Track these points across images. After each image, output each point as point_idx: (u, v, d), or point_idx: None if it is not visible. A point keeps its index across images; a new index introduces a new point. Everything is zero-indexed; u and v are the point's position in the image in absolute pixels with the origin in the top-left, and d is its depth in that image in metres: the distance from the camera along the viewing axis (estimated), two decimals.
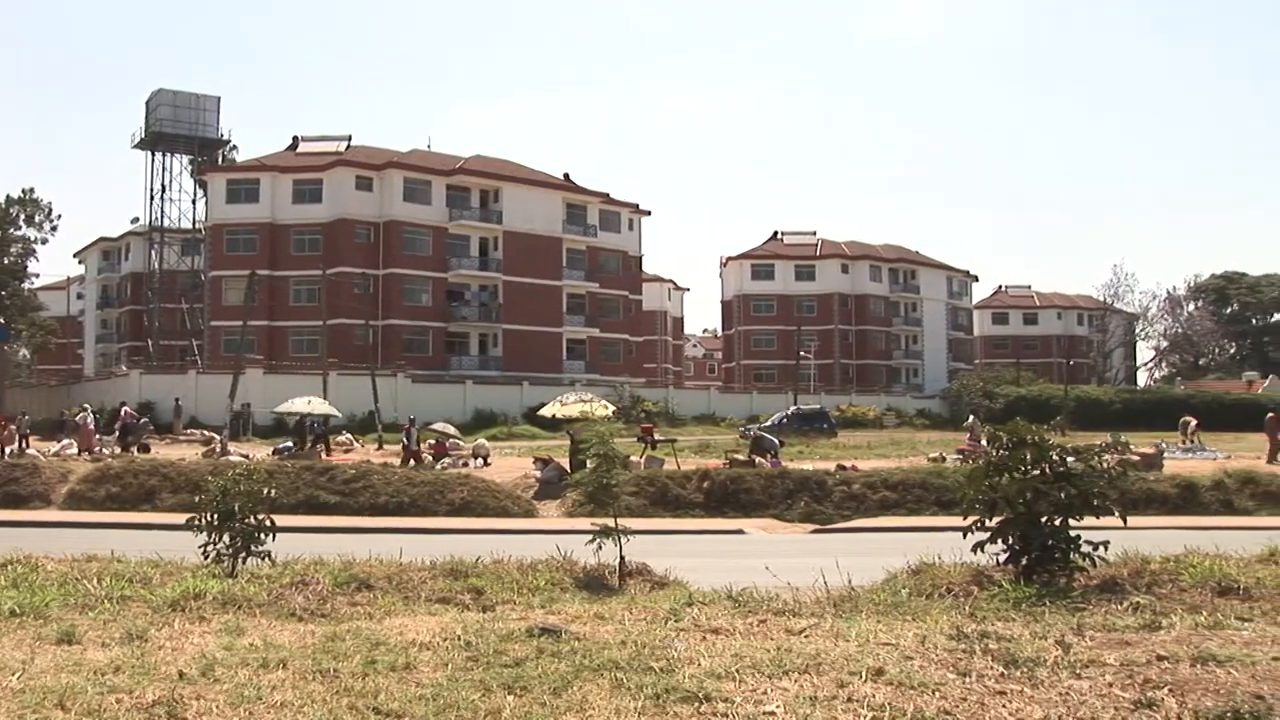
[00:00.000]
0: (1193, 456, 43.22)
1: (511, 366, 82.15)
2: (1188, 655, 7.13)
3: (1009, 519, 11.87)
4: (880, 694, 6.27)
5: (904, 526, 25.35)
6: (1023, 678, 6.68)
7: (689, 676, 6.69)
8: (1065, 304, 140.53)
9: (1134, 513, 18.70)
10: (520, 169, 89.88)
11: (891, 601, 10.67)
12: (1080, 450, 12.38)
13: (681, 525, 26.73)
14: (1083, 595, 10.71)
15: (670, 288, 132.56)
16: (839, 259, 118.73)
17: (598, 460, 15.36)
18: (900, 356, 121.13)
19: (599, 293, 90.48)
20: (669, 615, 9.21)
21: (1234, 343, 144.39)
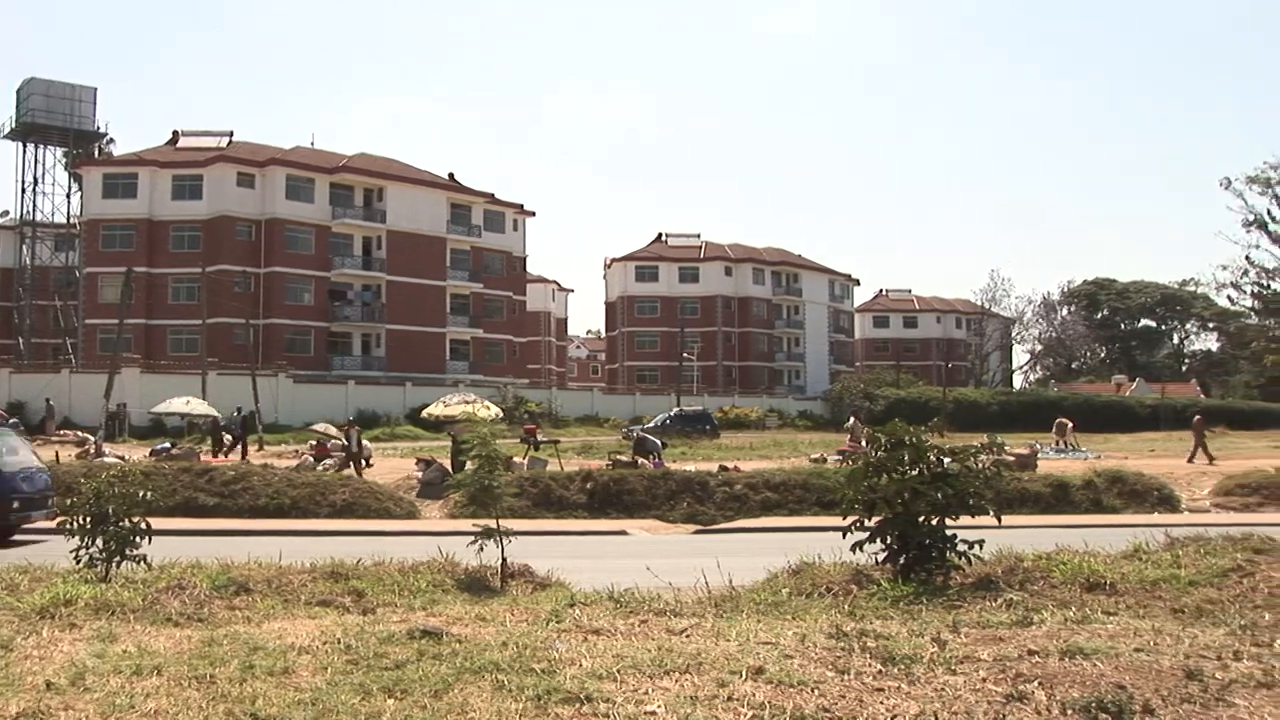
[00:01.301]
0: (1065, 457, 44.25)
1: (395, 367, 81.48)
2: (1057, 649, 7.32)
3: (887, 519, 12.06)
4: (760, 692, 6.32)
5: (785, 527, 25.51)
6: (900, 674, 6.79)
7: (570, 677, 6.69)
8: (944, 308, 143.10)
9: (1009, 512, 19.09)
10: (405, 168, 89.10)
11: (772, 601, 10.78)
12: (957, 451, 12.63)
13: (564, 526, 26.67)
14: (959, 593, 10.93)
15: (554, 289, 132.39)
16: (723, 261, 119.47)
17: (480, 461, 15.26)
18: (782, 358, 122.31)
19: (483, 293, 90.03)
20: (551, 616, 9.20)
21: (1104, 347, 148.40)
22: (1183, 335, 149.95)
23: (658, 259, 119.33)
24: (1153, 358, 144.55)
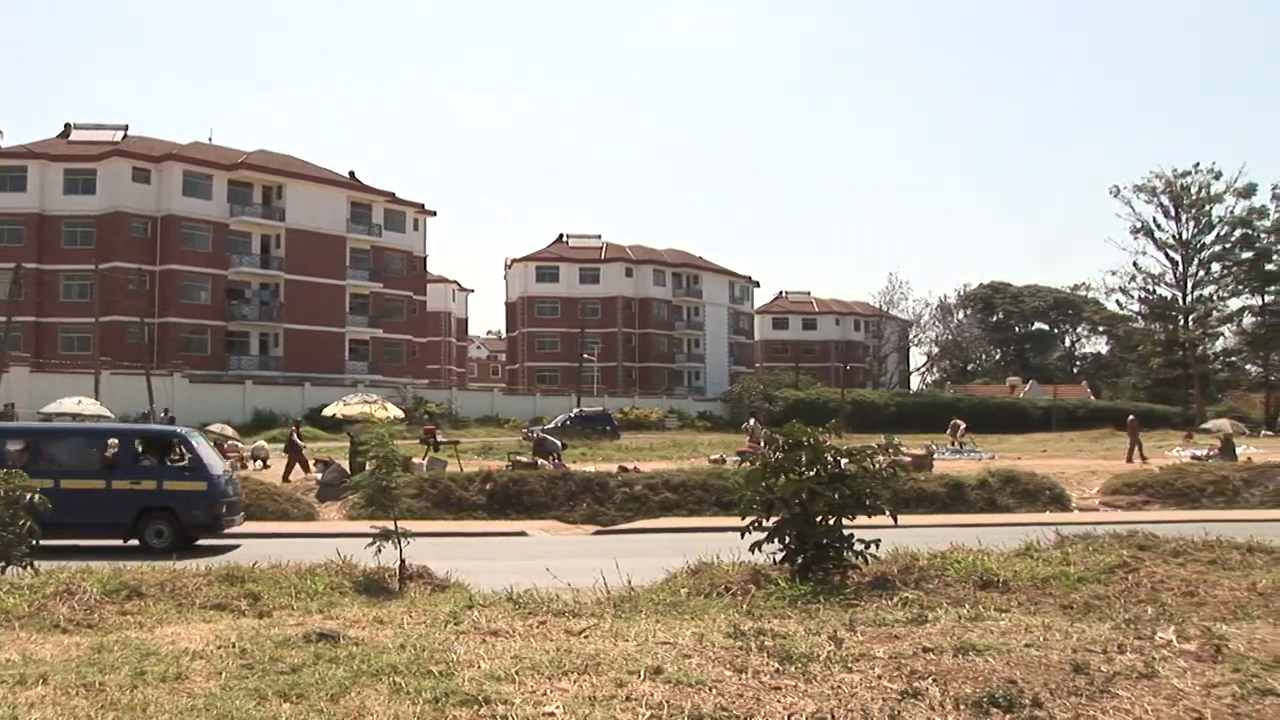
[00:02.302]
0: (960, 457, 44.96)
1: (293, 367, 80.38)
2: (951, 646, 7.42)
3: (785, 519, 12.18)
4: (658, 692, 6.35)
5: (685, 527, 25.63)
6: (797, 673, 6.84)
7: (468, 679, 6.67)
8: (843, 310, 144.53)
9: (905, 511, 19.43)
10: (305, 166, 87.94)
11: (671, 601, 10.83)
12: (854, 452, 12.79)
13: (464, 527, 26.54)
14: (855, 592, 11.08)
15: (455, 289, 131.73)
16: (623, 263, 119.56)
17: (378, 462, 15.17)
18: (683, 360, 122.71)
19: (383, 293, 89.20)
20: (449, 618, 9.16)
21: (999, 349, 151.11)
22: (1074, 338, 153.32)
23: (559, 260, 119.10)
24: (1045, 360, 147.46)
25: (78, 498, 20.60)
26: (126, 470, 22.03)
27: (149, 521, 21.51)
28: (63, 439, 24.29)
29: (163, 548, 20.56)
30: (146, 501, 21.62)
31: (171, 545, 20.76)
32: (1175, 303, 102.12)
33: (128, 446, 22.73)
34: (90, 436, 24.42)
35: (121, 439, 23.22)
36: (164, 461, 22.74)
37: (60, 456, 22.64)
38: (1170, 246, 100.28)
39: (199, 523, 21.82)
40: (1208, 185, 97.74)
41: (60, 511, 19.82)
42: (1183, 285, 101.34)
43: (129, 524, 21.39)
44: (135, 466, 22.27)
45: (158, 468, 22.43)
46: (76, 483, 21.32)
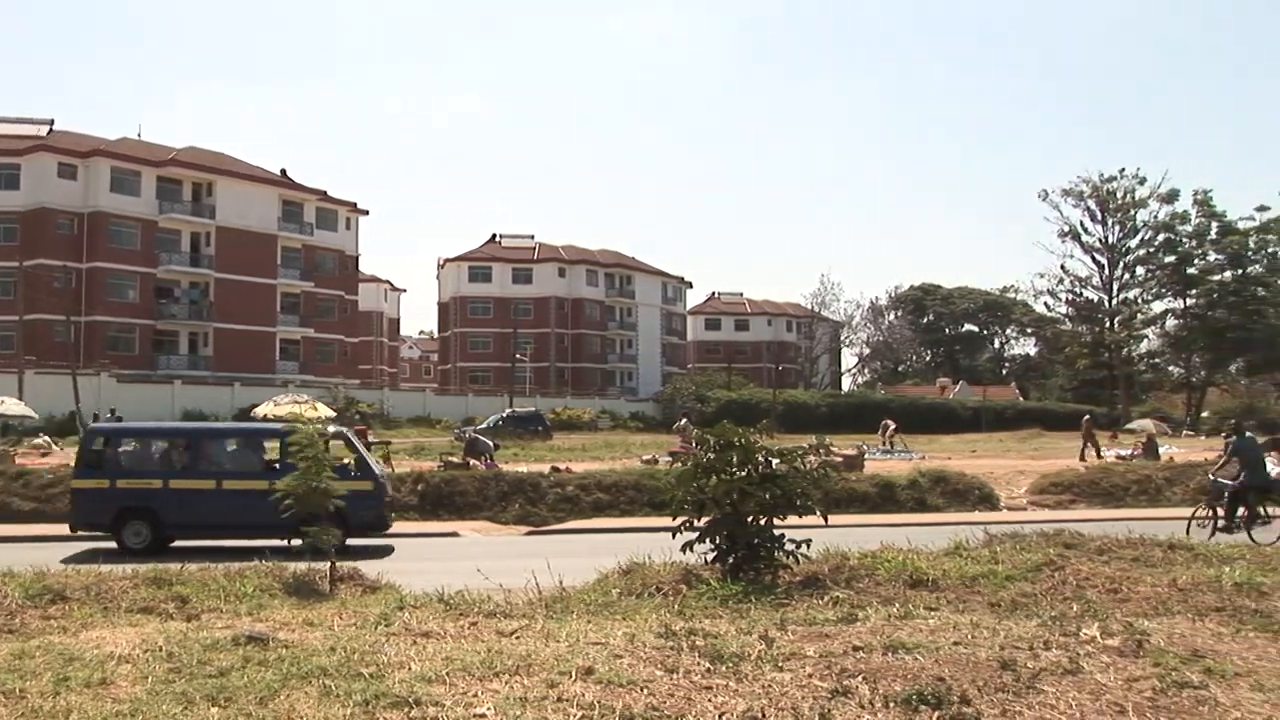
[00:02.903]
0: (891, 457, 45.31)
1: (223, 367, 79.49)
2: (880, 645, 7.50)
3: (716, 519, 12.23)
4: (590, 693, 6.35)
5: (617, 527, 25.64)
6: (728, 672, 6.87)
7: (399, 681, 6.63)
8: (775, 311, 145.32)
9: (836, 511, 19.54)
10: (236, 163, 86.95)
11: (602, 601, 10.84)
12: (785, 452, 12.87)
13: (395, 528, 26.26)
14: (786, 591, 11.14)
15: (387, 288, 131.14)
16: (556, 263, 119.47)
17: (308, 463, 15.05)
18: (615, 360, 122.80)
19: (314, 292, 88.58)
20: (380, 620, 9.11)
21: (929, 350, 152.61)
22: (1003, 340, 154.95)
23: (491, 260, 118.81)
24: (975, 361, 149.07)
25: (240, 499, 20.83)
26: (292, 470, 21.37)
27: (314, 522, 20.81)
28: (223, 439, 24.15)
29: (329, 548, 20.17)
30: None
31: (339, 547, 20.19)
32: (1101, 305, 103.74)
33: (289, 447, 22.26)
34: (251, 436, 24.37)
35: (284, 439, 22.78)
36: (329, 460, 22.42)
37: (221, 457, 22.76)
38: (1097, 250, 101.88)
39: (366, 522, 21.69)
40: (1133, 190, 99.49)
41: (223, 513, 20.87)
42: (1108, 288, 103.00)
43: (295, 524, 20.73)
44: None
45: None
46: (238, 484, 21.44)
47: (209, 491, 21.22)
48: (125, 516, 20.89)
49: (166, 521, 21.12)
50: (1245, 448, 21.18)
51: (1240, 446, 21.35)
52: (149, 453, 22.89)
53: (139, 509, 20.97)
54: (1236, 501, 20.58)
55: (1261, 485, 20.78)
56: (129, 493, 21.08)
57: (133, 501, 21.01)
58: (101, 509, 20.83)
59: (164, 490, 21.27)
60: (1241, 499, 20.57)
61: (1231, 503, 20.61)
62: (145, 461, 22.49)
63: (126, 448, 23.01)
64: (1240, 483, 20.68)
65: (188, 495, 21.17)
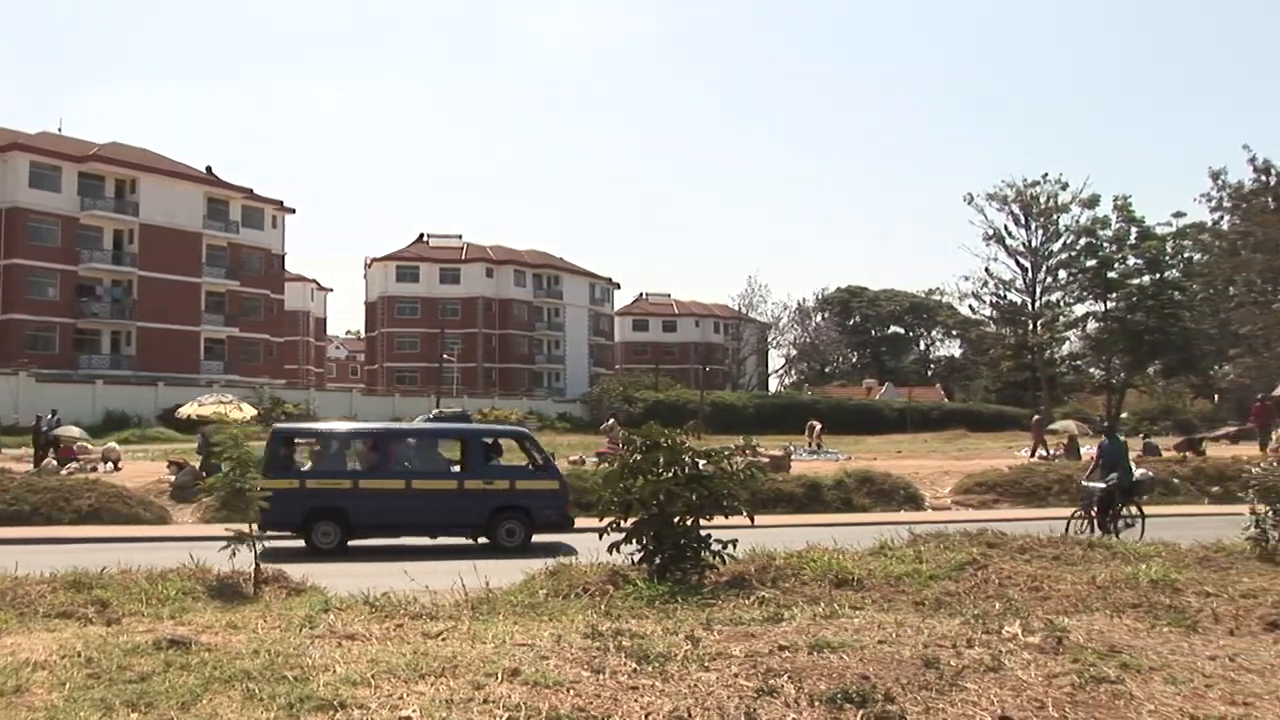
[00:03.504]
0: (818, 458, 45.56)
1: (146, 366, 78.23)
2: (806, 644, 7.55)
3: (643, 520, 12.26)
4: (516, 694, 6.34)
5: None
6: (654, 672, 6.88)
7: (324, 684, 6.58)
8: (703, 312, 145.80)
9: (763, 512, 19.66)
10: (160, 159, 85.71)
11: (529, 602, 10.83)
12: (712, 453, 12.94)
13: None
14: (713, 591, 11.19)
15: (313, 288, 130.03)
16: (484, 263, 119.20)
17: (233, 463, 14.89)
18: (543, 361, 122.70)
19: (240, 291, 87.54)
20: (305, 622, 9.04)
21: (856, 352, 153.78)
22: (928, 342, 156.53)
23: (419, 260, 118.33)
24: (901, 363, 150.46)
25: (428, 498, 21.44)
26: (478, 470, 22.42)
27: (501, 520, 21.70)
28: (410, 439, 24.79)
29: (513, 546, 21.13)
30: (500, 501, 21.85)
31: (522, 543, 21.30)
32: (1025, 308, 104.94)
33: (477, 446, 23.28)
34: (437, 436, 25.68)
35: (470, 439, 23.87)
36: (512, 461, 23.75)
37: (408, 457, 23.20)
38: (1020, 253, 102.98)
39: (551, 521, 21.87)
40: (1055, 195, 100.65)
41: (411, 512, 21.55)
42: (1032, 291, 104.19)
43: (482, 523, 21.71)
44: (487, 466, 22.95)
45: (510, 467, 23.49)
46: (427, 483, 21.92)
47: (398, 491, 21.57)
48: (315, 517, 21.10)
49: (356, 521, 21.34)
50: (1113, 451, 21.37)
51: (1107, 449, 21.56)
52: (338, 453, 23.37)
53: (329, 509, 21.12)
54: (1107, 504, 20.75)
55: (1127, 487, 20.98)
56: (319, 493, 21.25)
57: (323, 502, 21.17)
58: (292, 509, 20.65)
59: (354, 490, 21.58)
60: (1110, 501, 20.78)
61: (1102, 505, 20.76)
62: (334, 462, 22.93)
63: (315, 448, 23.67)
64: (1109, 485, 20.86)
65: (377, 495, 21.48)
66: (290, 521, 20.95)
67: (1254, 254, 77.78)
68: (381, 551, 20.49)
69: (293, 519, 20.94)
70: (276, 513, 19.80)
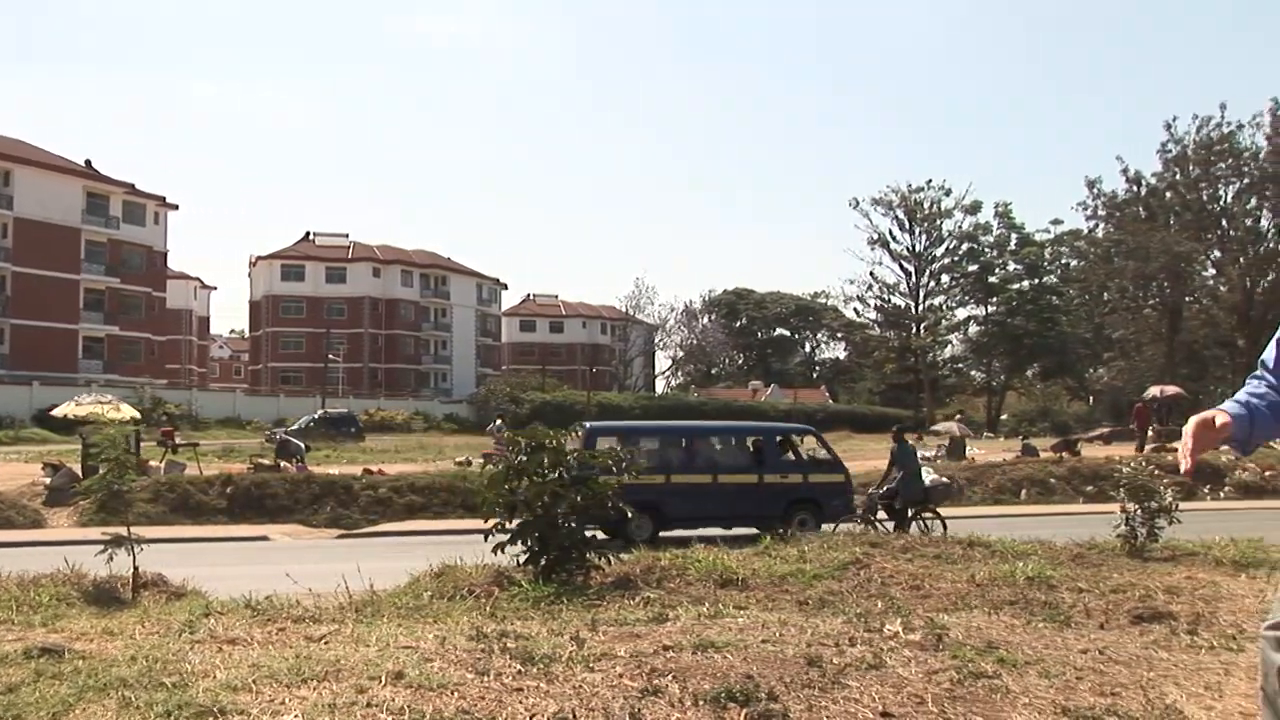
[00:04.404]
0: None
1: (20, 365, 76.06)
2: (690, 644, 7.58)
3: (528, 521, 12.24)
4: (400, 697, 6.28)
5: (430, 530, 25.53)
6: (539, 674, 6.86)
7: (203, 690, 6.44)
8: (590, 314, 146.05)
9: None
10: (36, 151, 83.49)
11: (414, 605, 10.75)
12: (598, 454, 12.97)
13: (203, 532, 25.78)
14: (598, 592, 11.20)
15: (197, 286, 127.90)
16: (371, 262, 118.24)
17: (110, 465, 14.58)
18: (430, 361, 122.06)
19: (120, 289, 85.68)
20: (184, 627, 8.87)
21: (742, 354, 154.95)
22: (814, 344, 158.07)
23: (304, 258, 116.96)
24: (786, 365, 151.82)
25: (733, 491, 23.19)
26: (775, 465, 24.01)
27: (795, 511, 22.95)
28: (716, 437, 26.75)
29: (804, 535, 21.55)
30: (794, 494, 23.48)
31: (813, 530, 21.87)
32: (908, 311, 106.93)
33: (772, 443, 24.99)
34: (740, 434, 27.12)
35: (766, 436, 25.99)
36: (803, 456, 24.96)
37: (713, 453, 24.93)
38: (904, 258, 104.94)
39: (838, 512, 22.73)
40: (939, 201, 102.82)
41: (718, 505, 23.16)
42: (915, 295, 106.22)
43: (779, 515, 22.66)
44: (782, 461, 24.35)
45: (802, 462, 24.62)
46: (732, 477, 23.63)
47: (705, 485, 23.11)
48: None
49: (668, 514, 22.66)
50: (902, 456, 21.41)
51: (897, 455, 21.59)
52: (651, 450, 24.08)
53: (644, 503, 21.44)
54: (900, 511, 20.79)
55: (913, 497, 21.06)
56: (636, 488, 21.01)
57: (638, 496, 21.24)
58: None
59: (666, 485, 22.77)
60: (895, 508, 20.85)
61: (890, 511, 20.81)
62: (648, 458, 23.22)
63: (630, 446, 23.55)
64: (889, 490, 21.06)
65: (688, 489, 23.02)
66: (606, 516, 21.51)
67: (1126, 261, 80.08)
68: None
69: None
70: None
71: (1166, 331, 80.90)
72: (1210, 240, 79.55)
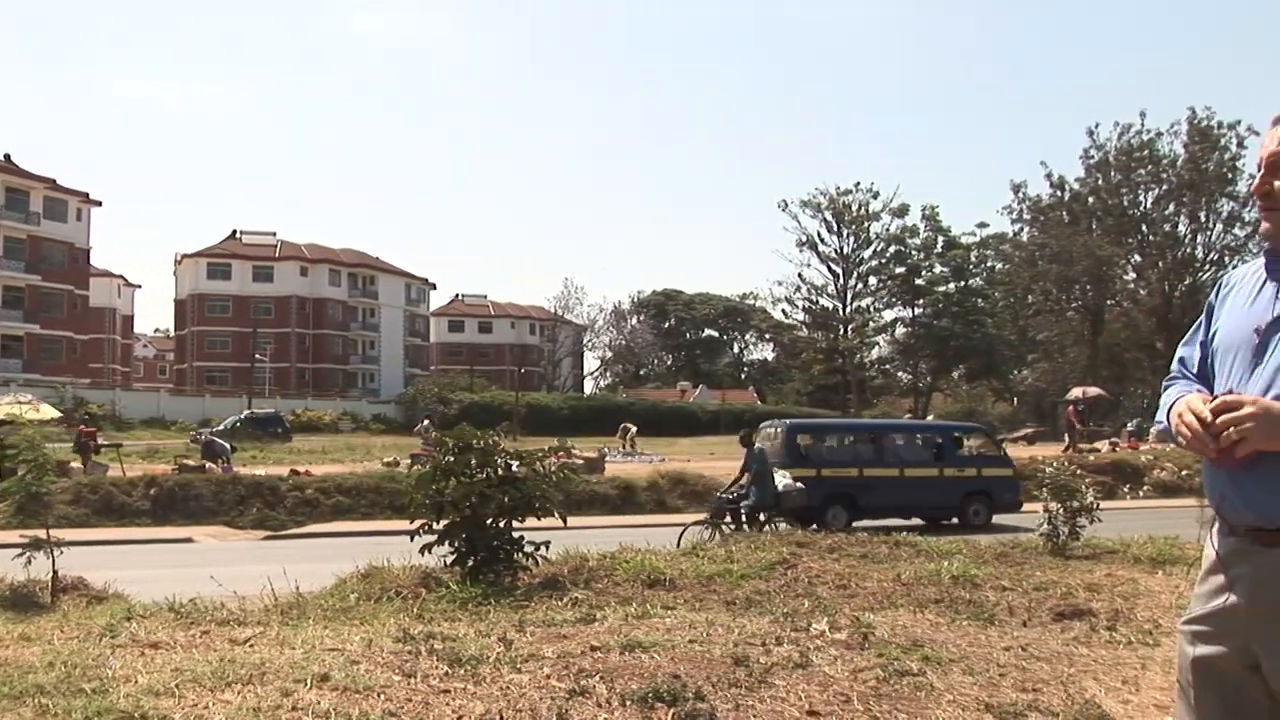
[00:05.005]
0: (632, 460, 45.95)
1: None
2: (618, 644, 7.59)
3: (455, 522, 12.21)
4: (326, 700, 6.23)
5: (358, 531, 25.35)
6: (466, 675, 6.84)
7: (124, 696, 6.33)
8: (519, 314, 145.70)
9: (578, 513, 19.76)
10: None
11: (340, 606, 10.67)
12: (525, 455, 12.98)
13: (126, 535, 25.40)
14: (526, 593, 11.19)
15: (120, 284, 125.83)
16: (298, 261, 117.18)
17: (28, 466, 14.35)
18: (357, 361, 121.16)
19: (41, 286, 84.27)
20: (105, 631, 8.72)
21: (670, 355, 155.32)
22: (742, 345, 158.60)
23: (231, 257, 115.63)
24: (715, 366, 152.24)
25: (918, 484, 25.08)
26: (952, 460, 26.35)
27: (970, 503, 25.66)
28: (901, 434, 28.91)
29: (979, 524, 24.68)
30: (969, 486, 25.94)
31: (985, 522, 24.92)
32: (836, 313, 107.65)
33: (949, 439, 27.45)
34: (922, 431, 29.59)
35: (944, 433, 28.54)
36: (975, 452, 27.43)
37: (900, 449, 26.68)
38: (832, 260, 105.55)
39: (1007, 504, 25.66)
40: (867, 204, 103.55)
41: (905, 496, 25.32)
42: (843, 297, 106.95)
43: (956, 506, 25.58)
44: (958, 457, 26.75)
45: (976, 457, 27.06)
46: (917, 471, 25.58)
47: (894, 479, 25.20)
48: (829, 502, 23.91)
49: (861, 505, 24.55)
50: (754, 460, 20.75)
51: (748, 459, 20.94)
52: (845, 446, 26.83)
53: (840, 495, 24.06)
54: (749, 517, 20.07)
55: (760, 502, 20.23)
56: (833, 481, 24.35)
57: (837, 489, 24.10)
58: (811, 495, 22.85)
59: (860, 478, 25.09)
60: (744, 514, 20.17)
61: (735, 515, 20.18)
62: (843, 454, 26.15)
63: (827, 442, 27.14)
64: (736, 494, 20.57)
65: (879, 482, 25.03)
66: (809, 505, 23.23)
67: (1050, 265, 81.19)
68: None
69: (811, 504, 23.12)
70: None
71: (1089, 334, 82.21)
72: (1131, 245, 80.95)
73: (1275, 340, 2.97)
